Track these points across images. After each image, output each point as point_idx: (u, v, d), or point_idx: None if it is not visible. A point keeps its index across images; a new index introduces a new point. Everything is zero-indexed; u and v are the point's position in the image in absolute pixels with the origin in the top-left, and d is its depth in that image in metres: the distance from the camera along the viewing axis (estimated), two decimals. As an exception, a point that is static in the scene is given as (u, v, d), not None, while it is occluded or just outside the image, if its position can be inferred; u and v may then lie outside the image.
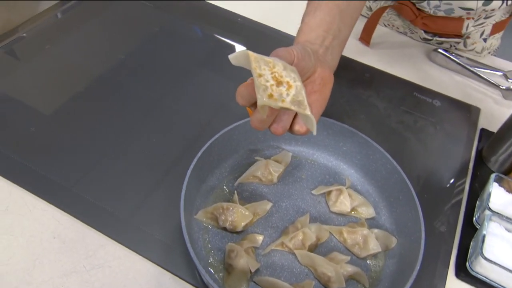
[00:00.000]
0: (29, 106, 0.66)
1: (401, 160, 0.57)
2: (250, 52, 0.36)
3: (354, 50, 0.83)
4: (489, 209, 0.54)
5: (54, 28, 0.80)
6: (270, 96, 0.36)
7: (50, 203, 0.54)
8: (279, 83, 0.36)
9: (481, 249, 0.50)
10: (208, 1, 0.88)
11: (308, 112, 0.37)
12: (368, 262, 0.52)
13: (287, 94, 0.36)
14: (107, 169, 0.59)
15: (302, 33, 0.49)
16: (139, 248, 0.51)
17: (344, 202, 0.55)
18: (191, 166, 0.51)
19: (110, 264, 0.50)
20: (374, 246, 0.51)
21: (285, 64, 0.37)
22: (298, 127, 0.42)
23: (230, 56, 0.37)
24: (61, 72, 0.72)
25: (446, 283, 0.52)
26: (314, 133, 0.39)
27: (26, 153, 0.59)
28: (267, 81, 0.36)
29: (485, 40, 0.82)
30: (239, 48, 0.81)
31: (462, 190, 0.63)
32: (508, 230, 0.52)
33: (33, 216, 0.53)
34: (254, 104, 0.40)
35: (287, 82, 0.36)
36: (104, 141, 0.62)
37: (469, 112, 0.75)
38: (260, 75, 0.35)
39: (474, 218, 0.58)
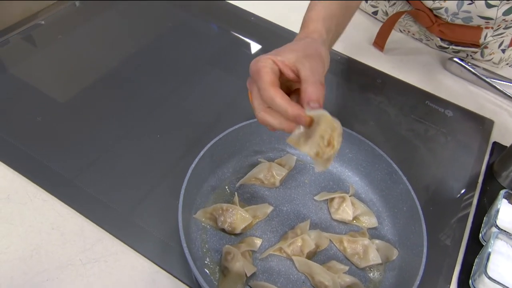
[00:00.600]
0: (39, 93, 0.66)
1: (408, 169, 0.56)
2: (329, 117, 0.39)
3: (367, 55, 0.82)
4: (496, 226, 0.52)
5: (72, 16, 0.80)
6: (317, 154, 0.40)
7: (51, 194, 0.54)
8: (328, 145, 0.40)
9: (485, 267, 0.48)
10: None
11: (326, 168, 0.41)
12: (367, 273, 0.51)
13: (326, 154, 0.40)
14: (110, 163, 0.59)
15: (320, 20, 0.49)
16: (137, 245, 0.51)
17: (346, 210, 0.54)
18: (193, 165, 0.50)
19: (106, 259, 0.50)
20: (374, 257, 0.50)
21: (341, 128, 0.40)
22: None
23: (308, 111, 0.39)
24: (74, 62, 0.73)
25: (447, 299, 0.51)
26: (317, 170, 0.43)
27: (31, 143, 0.59)
28: (324, 142, 0.39)
29: (503, 51, 0.80)
30: (253, 46, 0.80)
31: (470, 204, 0.61)
32: (515, 249, 0.51)
33: (33, 206, 0.53)
34: None
35: (333, 145, 0.40)
36: (109, 135, 0.62)
37: (482, 124, 0.73)
38: (322, 137, 0.39)
39: (480, 234, 0.56)
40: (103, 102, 0.67)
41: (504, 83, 0.78)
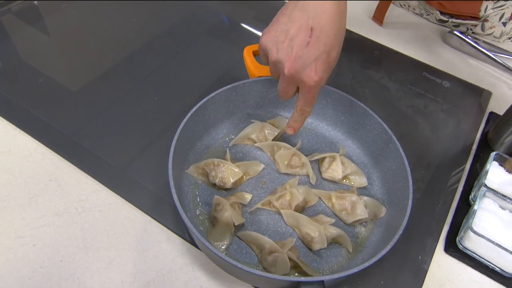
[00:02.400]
0: (42, 58, 0.68)
1: (402, 136, 0.56)
2: None
3: (367, 29, 0.82)
4: (485, 185, 0.52)
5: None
6: None
7: (50, 148, 0.56)
8: None
9: (471, 222, 0.48)
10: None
11: None
12: (354, 229, 0.52)
13: None
14: (108, 122, 0.60)
15: None
16: (130, 197, 0.53)
17: (336, 169, 0.55)
18: (185, 119, 0.51)
19: (101, 208, 0.51)
20: (361, 212, 0.51)
21: None
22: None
23: None
24: (75, 28, 0.75)
25: (434, 257, 0.52)
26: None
27: (33, 102, 0.61)
28: None
29: (504, 24, 0.79)
30: (251, 19, 0.81)
31: (463, 170, 0.61)
32: (502, 208, 0.51)
33: (33, 159, 0.55)
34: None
35: None
36: (108, 96, 0.64)
37: (479, 95, 0.73)
38: None
39: (470, 197, 0.57)
40: (102, 66, 0.68)
41: (504, 56, 0.78)
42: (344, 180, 0.56)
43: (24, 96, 0.62)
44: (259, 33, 0.77)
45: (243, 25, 0.80)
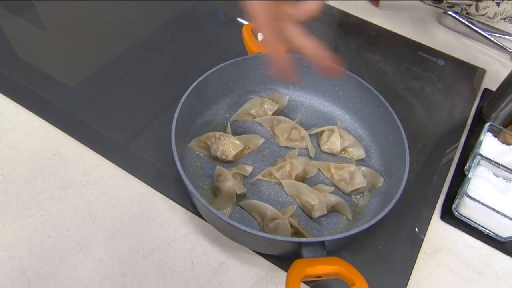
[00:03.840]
0: (44, 38, 0.69)
1: (400, 114, 0.57)
2: None
3: (363, 10, 0.83)
4: (479, 154, 0.54)
5: None
6: None
7: (54, 125, 0.57)
8: None
9: (466, 188, 0.50)
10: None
11: None
12: (353, 198, 0.53)
13: None
14: (111, 100, 0.61)
15: None
16: (134, 170, 0.54)
17: (334, 141, 0.56)
18: (186, 93, 0.52)
19: (105, 182, 0.53)
20: (359, 181, 0.52)
21: None
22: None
23: None
24: (74, 10, 0.75)
25: (430, 224, 0.53)
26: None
27: (36, 81, 0.62)
28: None
29: (498, 4, 0.80)
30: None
31: (458, 143, 0.63)
32: (496, 175, 0.52)
33: (37, 136, 0.56)
34: None
35: None
36: (110, 76, 0.65)
37: (474, 72, 0.74)
38: None
39: (465, 167, 0.58)
40: (104, 46, 0.70)
41: (498, 35, 0.79)
42: (343, 153, 0.57)
43: (26, 75, 0.63)
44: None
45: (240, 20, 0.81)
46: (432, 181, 0.58)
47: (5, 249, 0.46)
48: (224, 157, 0.54)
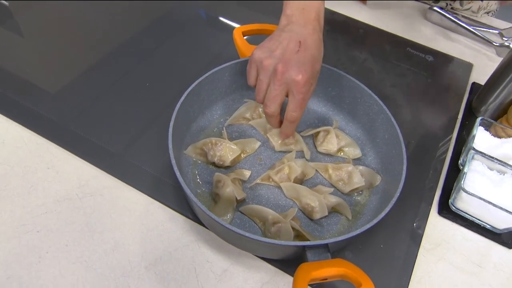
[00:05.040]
0: (29, 47, 0.67)
1: (391, 111, 0.57)
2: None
3: (350, 8, 0.84)
4: (473, 148, 0.54)
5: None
6: None
7: (45, 138, 0.56)
8: None
9: (462, 183, 0.51)
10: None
11: None
12: (352, 197, 0.53)
13: None
14: (102, 109, 0.60)
15: None
16: (131, 180, 0.53)
17: (331, 142, 0.57)
18: (181, 99, 0.52)
19: (102, 192, 0.52)
20: (358, 181, 0.52)
21: None
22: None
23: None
24: (61, 20, 0.74)
25: (429, 219, 0.54)
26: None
27: (23, 93, 0.61)
28: None
29: (481, -2, 0.82)
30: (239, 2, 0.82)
31: (450, 138, 0.64)
32: (490, 169, 0.53)
33: (28, 149, 0.55)
34: None
35: None
36: (99, 83, 0.64)
37: (461, 67, 0.75)
38: None
39: (459, 161, 0.59)
40: (93, 53, 0.68)
41: (483, 29, 0.81)
42: (339, 153, 0.57)
43: (12, 86, 0.61)
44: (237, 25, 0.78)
45: (222, 18, 0.81)
46: (427, 177, 0.58)
47: (3, 268, 0.45)
48: (221, 163, 0.54)
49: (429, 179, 0.58)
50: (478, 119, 0.58)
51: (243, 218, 0.50)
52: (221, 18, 0.79)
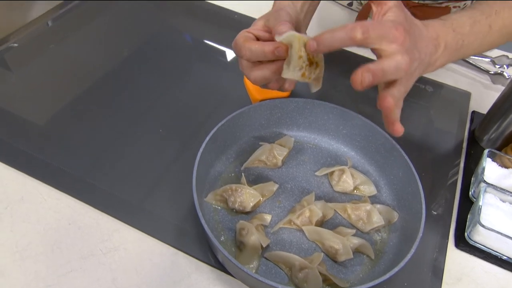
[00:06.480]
0: (41, 99, 0.68)
1: (397, 143, 0.59)
2: (297, 34, 0.41)
3: (348, 42, 0.86)
4: (484, 181, 0.56)
5: (46, 36, 0.80)
6: (303, 74, 0.42)
7: (64, 192, 0.56)
8: (311, 64, 0.41)
9: (479, 217, 0.52)
10: (207, 0, 0.91)
11: (319, 87, 0.44)
12: (372, 236, 0.54)
13: (314, 73, 0.42)
14: (117, 159, 0.61)
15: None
16: (153, 231, 0.53)
17: (347, 181, 0.58)
18: (201, 149, 0.53)
19: (126, 246, 0.52)
20: (377, 220, 0.54)
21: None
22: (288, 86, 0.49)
23: (278, 37, 0.42)
24: (62, 72, 0.74)
25: (447, 253, 0.55)
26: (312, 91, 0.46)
27: (38, 146, 0.61)
28: (304, 62, 0.41)
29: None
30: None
31: (458, 168, 0.66)
32: (503, 201, 0.55)
33: (48, 205, 0.55)
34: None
35: (317, 63, 0.42)
36: (112, 134, 0.64)
37: (460, 96, 0.78)
38: (300, 57, 0.41)
39: (470, 193, 0.61)
40: (101, 104, 0.68)
41: (476, 57, 0.84)
42: (355, 191, 0.59)
43: (27, 140, 0.61)
44: (224, 48, 0.80)
45: (207, 41, 0.83)
46: (440, 209, 0.60)
47: (32, 333, 0.44)
48: (242, 208, 0.54)
49: (442, 211, 0.60)
50: (486, 151, 0.60)
51: (269, 265, 0.51)
52: (199, 38, 0.80)
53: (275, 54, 0.43)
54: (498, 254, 0.54)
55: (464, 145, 0.70)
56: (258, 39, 0.47)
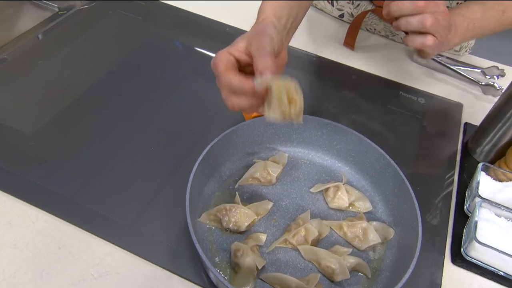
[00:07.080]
0: (26, 119, 0.66)
1: (390, 156, 0.59)
2: (277, 82, 0.42)
3: (340, 54, 0.86)
4: (479, 196, 0.56)
5: (36, 49, 0.78)
6: (283, 113, 0.43)
7: (53, 214, 0.54)
8: (290, 102, 0.43)
9: (475, 234, 0.52)
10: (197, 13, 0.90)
11: (301, 121, 0.45)
12: (368, 254, 0.54)
13: (294, 110, 0.43)
14: (107, 179, 0.59)
15: (268, 8, 0.52)
16: (145, 254, 0.52)
17: (342, 198, 0.57)
18: (194, 169, 0.52)
19: (118, 270, 0.50)
20: (373, 238, 0.53)
21: (295, 85, 0.43)
22: None
23: (258, 80, 0.43)
24: (50, 89, 0.72)
25: (444, 269, 0.55)
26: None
27: (24, 167, 0.59)
28: (283, 104, 0.43)
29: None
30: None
31: (452, 181, 0.66)
32: (498, 215, 0.55)
33: (36, 228, 0.53)
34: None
35: (295, 101, 0.43)
36: (101, 152, 0.63)
37: (452, 108, 0.79)
38: (279, 98, 0.42)
39: (465, 207, 0.61)
40: (91, 123, 0.67)
41: (467, 68, 0.84)
42: (350, 207, 0.58)
43: (13, 161, 0.60)
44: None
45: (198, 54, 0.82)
46: (435, 224, 0.60)
47: None
48: (236, 228, 0.53)
49: (437, 226, 0.59)
50: (480, 165, 0.60)
51: (265, 286, 0.50)
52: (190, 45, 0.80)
53: (255, 94, 0.43)
54: (495, 270, 0.53)
55: (458, 157, 0.70)
56: (238, 61, 0.46)
